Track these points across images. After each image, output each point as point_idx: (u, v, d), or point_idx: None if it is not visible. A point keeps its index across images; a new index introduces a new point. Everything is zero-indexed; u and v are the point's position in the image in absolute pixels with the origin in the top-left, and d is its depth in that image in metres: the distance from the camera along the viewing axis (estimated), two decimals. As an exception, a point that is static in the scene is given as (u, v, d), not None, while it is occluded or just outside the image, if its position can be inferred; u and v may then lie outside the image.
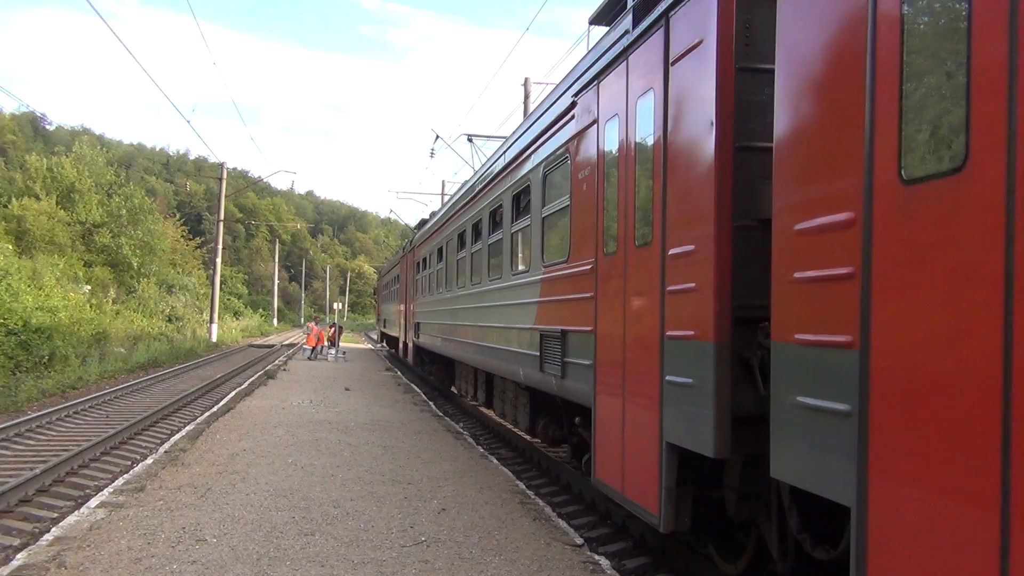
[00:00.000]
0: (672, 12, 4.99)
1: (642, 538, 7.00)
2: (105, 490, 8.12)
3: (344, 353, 33.72)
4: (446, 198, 29.43)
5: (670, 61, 5.02)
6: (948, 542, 2.69)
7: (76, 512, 7.17)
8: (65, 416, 14.68)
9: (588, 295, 6.63)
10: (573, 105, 7.12)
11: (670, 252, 4.97)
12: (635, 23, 5.66)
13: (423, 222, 24.44)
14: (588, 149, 6.74)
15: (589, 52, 6.97)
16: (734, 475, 4.84)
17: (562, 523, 7.28)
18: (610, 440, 6.09)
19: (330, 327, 36.47)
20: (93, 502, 7.45)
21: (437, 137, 34.59)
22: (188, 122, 63.18)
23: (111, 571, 5.45)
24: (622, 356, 5.81)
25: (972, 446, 2.58)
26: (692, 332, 4.65)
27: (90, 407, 16.07)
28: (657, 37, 5.20)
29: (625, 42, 5.80)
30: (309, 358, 31.26)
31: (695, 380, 4.61)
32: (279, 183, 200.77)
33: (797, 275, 3.59)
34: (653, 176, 5.27)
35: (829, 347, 3.34)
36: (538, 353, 8.24)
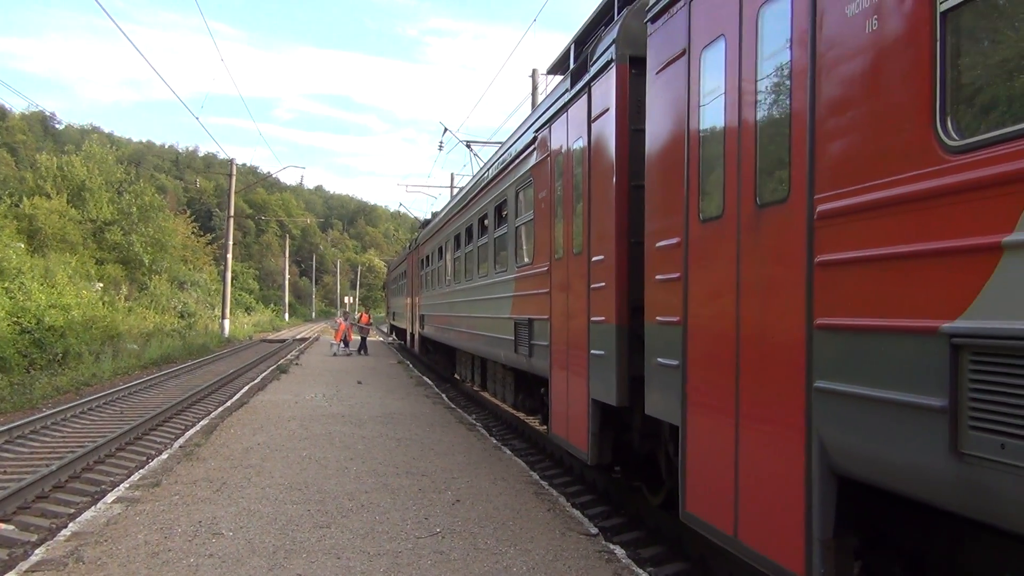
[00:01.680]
0: (593, 83, 6.81)
1: (657, 528, 7.30)
2: (121, 485, 8.16)
3: (361, 343, 32.11)
4: (454, 191, 30.86)
5: (591, 119, 6.83)
6: (719, 440, 4.50)
7: (93, 507, 7.22)
8: (80, 413, 14.69)
9: (545, 291, 8.45)
10: (534, 140, 8.94)
11: (593, 259, 6.79)
12: (572, 85, 7.48)
13: (426, 222, 26.28)
14: (544, 176, 8.55)
15: (546, 98, 8.78)
16: (637, 421, 6.65)
17: (576, 513, 7.32)
18: (560, 402, 7.93)
19: (359, 315, 34.96)
20: (109, 497, 7.51)
21: (446, 130, 35.60)
22: (197, 119, 64.81)
23: (129, 565, 5.50)
24: (567, 337, 7.64)
25: (724, 383, 4.39)
26: (604, 318, 6.49)
27: (104, 403, 16.09)
28: (584, 100, 7.02)
29: (566, 98, 7.62)
30: (342, 354, 30.15)
31: (606, 352, 6.44)
32: (288, 178, 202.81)
33: (657, 277, 5.40)
34: (583, 201, 7.08)
35: (669, 324, 5.15)
36: (513, 338, 10.07)
